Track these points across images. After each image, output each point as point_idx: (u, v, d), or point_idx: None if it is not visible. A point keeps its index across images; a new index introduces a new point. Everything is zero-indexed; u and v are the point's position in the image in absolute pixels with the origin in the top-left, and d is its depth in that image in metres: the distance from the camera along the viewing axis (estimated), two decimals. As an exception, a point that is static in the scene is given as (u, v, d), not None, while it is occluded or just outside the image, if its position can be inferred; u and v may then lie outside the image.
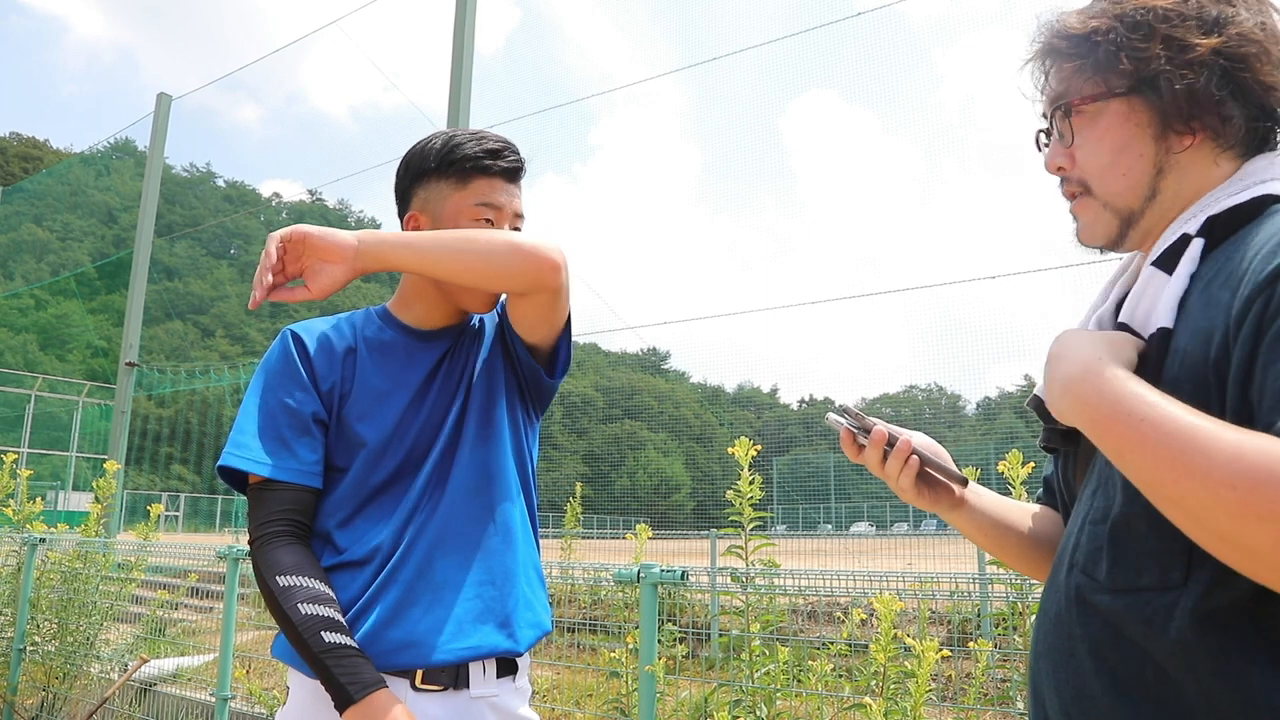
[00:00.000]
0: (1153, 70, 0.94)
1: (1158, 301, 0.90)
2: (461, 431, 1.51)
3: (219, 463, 1.44)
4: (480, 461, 1.52)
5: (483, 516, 1.50)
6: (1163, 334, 0.88)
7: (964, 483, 1.14)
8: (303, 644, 1.32)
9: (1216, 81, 0.93)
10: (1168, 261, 0.92)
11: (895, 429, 1.15)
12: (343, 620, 1.35)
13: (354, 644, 1.33)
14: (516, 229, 1.55)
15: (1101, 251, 1.06)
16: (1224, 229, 0.90)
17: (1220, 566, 0.78)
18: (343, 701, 1.28)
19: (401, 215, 1.57)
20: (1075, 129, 1.02)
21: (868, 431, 1.13)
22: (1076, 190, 1.04)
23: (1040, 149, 1.09)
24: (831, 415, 1.17)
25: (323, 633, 1.31)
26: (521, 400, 1.60)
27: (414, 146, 1.56)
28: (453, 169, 1.51)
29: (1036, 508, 1.23)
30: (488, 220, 1.50)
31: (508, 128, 9.34)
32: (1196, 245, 0.90)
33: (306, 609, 1.33)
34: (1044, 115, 1.07)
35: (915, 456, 1.12)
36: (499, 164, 1.52)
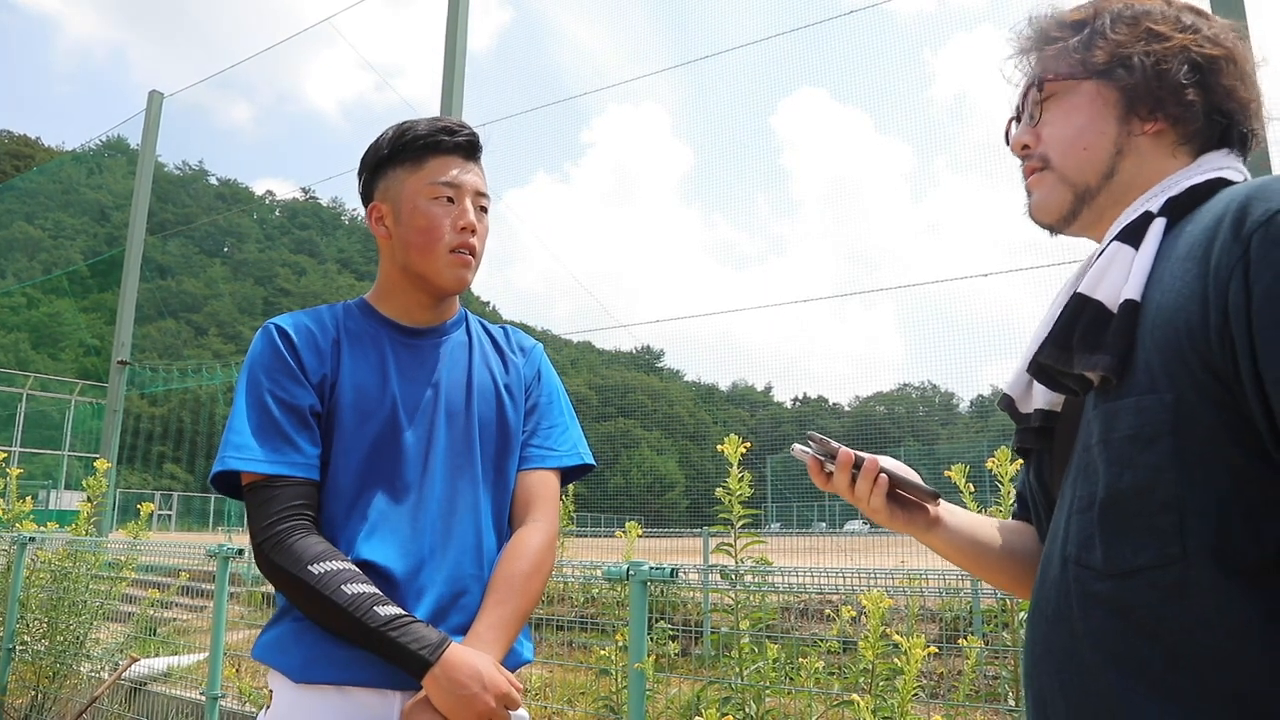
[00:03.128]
0: (1129, 52, 1.00)
1: (1125, 274, 0.91)
2: (460, 435, 1.49)
3: (215, 469, 1.38)
4: (482, 467, 1.51)
5: (478, 522, 1.48)
6: (1132, 306, 0.89)
7: (935, 498, 1.13)
8: (357, 625, 1.29)
9: (1185, 71, 0.99)
10: (1132, 236, 0.94)
11: (862, 454, 1.14)
12: (382, 593, 1.33)
13: (405, 611, 1.32)
14: (481, 208, 1.53)
15: (1051, 233, 1.10)
16: (1181, 210, 0.93)
17: (1218, 537, 0.78)
18: (420, 667, 1.28)
19: (367, 210, 1.56)
20: (1045, 108, 1.07)
21: (833, 457, 1.13)
22: (1037, 165, 1.08)
23: (1008, 141, 1.13)
24: (797, 446, 1.17)
25: (376, 609, 1.30)
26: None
27: (371, 142, 1.55)
28: (406, 152, 1.49)
29: (1010, 522, 1.22)
30: (447, 199, 1.48)
31: (500, 126, 9.33)
32: (1159, 224, 0.93)
33: (351, 589, 1.30)
34: (1015, 108, 1.12)
35: (884, 475, 1.11)
36: (452, 140, 1.49)
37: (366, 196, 1.56)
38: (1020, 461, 2.84)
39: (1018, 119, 1.12)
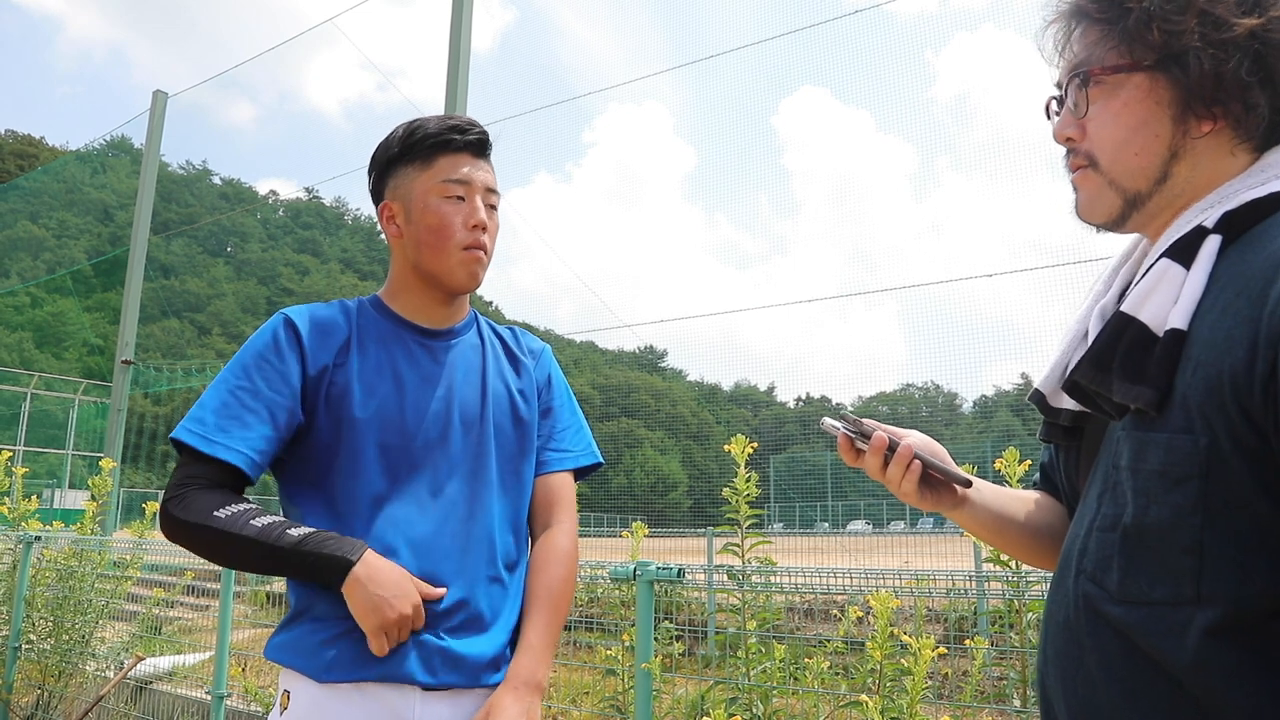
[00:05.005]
0: (1183, 45, 0.89)
1: (1173, 298, 0.85)
2: (475, 440, 1.49)
3: (172, 434, 1.39)
4: (498, 472, 1.51)
5: (495, 527, 1.48)
6: (1177, 336, 0.83)
7: (968, 484, 1.10)
8: (273, 552, 1.29)
9: (1248, 66, 0.87)
10: (1182, 254, 0.87)
11: (893, 431, 1.12)
12: (291, 520, 1.34)
13: (319, 530, 1.32)
14: (491, 206, 1.52)
15: (1098, 230, 1.02)
16: (1240, 225, 0.86)
17: (1234, 584, 0.76)
18: (341, 569, 1.28)
19: (378, 208, 1.56)
20: (1091, 100, 0.96)
21: (866, 437, 1.11)
22: (1083, 163, 0.99)
23: (1050, 117, 1.04)
24: (828, 420, 1.14)
25: (288, 532, 1.30)
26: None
27: (381, 141, 1.55)
28: (416, 151, 1.49)
29: (1035, 495, 1.20)
30: (458, 197, 1.47)
31: (502, 126, 9.33)
32: (1213, 242, 0.86)
33: (260, 521, 1.30)
34: (1058, 84, 1.01)
35: (917, 460, 1.09)
36: (462, 138, 1.49)
37: (377, 195, 1.56)
38: (1028, 463, 2.83)
39: (1059, 99, 1.01)
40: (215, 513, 1.31)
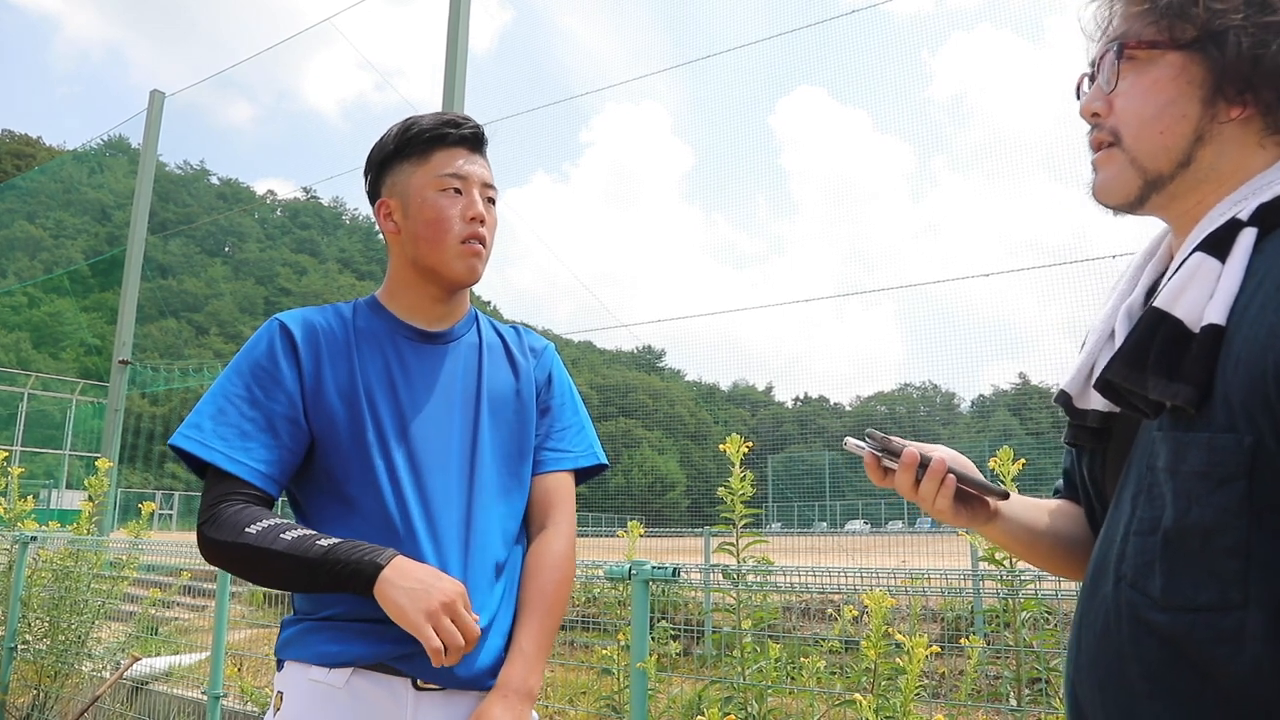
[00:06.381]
0: (1225, 24, 0.87)
1: (1209, 292, 0.83)
2: (471, 443, 1.48)
3: (170, 440, 1.37)
4: (496, 474, 1.50)
5: (494, 530, 1.47)
6: (1215, 331, 0.81)
7: (1005, 496, 1.07)
8: (302, 564, 1.26)
9: None
10: (1216, 248, 0.84)
11: (921, 446, 1.08)
12: (320, 533, 1.33)
13: (347, 539, 1.31)
14: (489, 199, 1.52)
15: (1114, 213, 0.99)
16: (1276, 218, 0.84)
17: None
18: (372, 573, 1.25)
19: (375, 207, 1.55)
20: (1122, 74, 0.95)
21: (894, 455, 1.07)
22: (1106, 139, 0.97)
23: (1079, 96, 1.02)
24: (851, 440, 1.10)
25: (318, 543, 1.28)
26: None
27: (376, 141, 1.55)
28: (411, 146, 1.49)
29: (1058, 503, 1.18)
30: (455, 190, 1.48)
31: (499, 126, 9.34)
32: (1249, 235, 0.83)
33: (290, 535, 1.29)
34: (1091, 63, 1.00)
35: (951, 475, 1.05)
36: (456, 132, 1.50)
37: (374, 194, 1.55)
38: (1023, 462, 2.83)
39: (1091, 76, 1.00)
40: (247, 529, 1.29)
